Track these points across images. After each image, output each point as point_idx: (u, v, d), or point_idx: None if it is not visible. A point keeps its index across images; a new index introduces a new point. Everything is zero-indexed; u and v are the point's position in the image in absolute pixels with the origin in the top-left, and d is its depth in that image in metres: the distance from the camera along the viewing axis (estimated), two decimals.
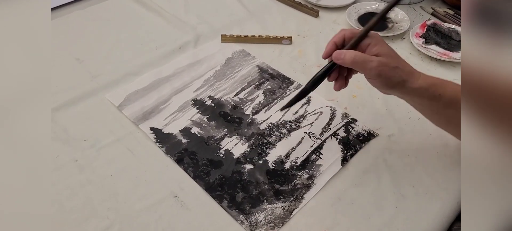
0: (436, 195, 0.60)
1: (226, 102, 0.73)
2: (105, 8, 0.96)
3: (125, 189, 0.59)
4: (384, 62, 0.53)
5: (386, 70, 0.53)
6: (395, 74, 0.53)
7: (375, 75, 0.53)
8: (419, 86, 0.54)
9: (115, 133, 0.67)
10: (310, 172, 0.62)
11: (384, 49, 0.54)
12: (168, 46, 0.85)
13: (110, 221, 0.55)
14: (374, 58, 0.53)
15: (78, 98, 0.72)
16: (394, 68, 0.53)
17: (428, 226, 0.57)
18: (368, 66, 0.53)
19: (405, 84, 0.54)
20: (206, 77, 0.79)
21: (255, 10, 0.98)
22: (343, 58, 0.53)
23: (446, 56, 0.84)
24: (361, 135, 0.68)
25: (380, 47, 0.53)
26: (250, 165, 0.63)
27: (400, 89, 0.55)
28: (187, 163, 0.63)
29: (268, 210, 0.57)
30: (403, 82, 0.54)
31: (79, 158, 0.63)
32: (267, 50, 0.86)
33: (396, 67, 0.53)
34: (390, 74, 0.53)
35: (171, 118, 0.70)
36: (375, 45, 0.54)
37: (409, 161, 0.64)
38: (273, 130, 0.69)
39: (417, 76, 0.55)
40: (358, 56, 0.53)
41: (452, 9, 0.99)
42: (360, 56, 0.53)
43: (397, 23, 0.93)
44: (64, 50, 0.83)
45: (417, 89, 0.54)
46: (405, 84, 0.54)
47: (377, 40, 0.54)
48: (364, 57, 0.53)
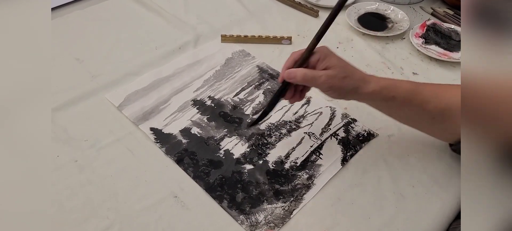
0: (436, 195, 0.60)
1: (226, 103, 0.73)
2: (105, 8, 0.96)
3: (125, 189, 0.59)
4: (332, 75, 0.55)
5: (335, 82, 0.55)
6: (345, 84, 0.56)
7: (326, 88, 0.56)
8: (371, 91, 0.57)
9: (115, 133, 0.67)
10: (310, 172, 0.62)
11: (332, 62, 0.56)
12: (168, 46, 0.85)
13: (110, 221, 0.55)
14: (323, 73, 0.55)
15: (78, 98, 0.72)
16: (343, 79, 0.55)
17: (428, 226, 0.57)
18: (318, 81, 0.55)
19: (357, 91, 0.57)
20: (206, 78, 0.79)
21: (255, 10, 0.98)
22: (295, 77, 0.56)
23: (445, 56, 0.84)
24: (361, 135, 0.68)
25: (328, 61, 0.56)
26: (250, 165, 0.63)
27: (354, 95, 0.58)
28: (187, 163, 0.63)
29: (268, 210, 0.57)
30: (355, 90, 0.57)
31: (79, 158, 0.63)
32: (267, 50, 0.86)
33: (345, 77, 0.56)
34: (340, 85, 0.56)
35: (171, 118, 0.70)
36: (323, 59, 0.56)
37: (409, 161, 0.64)
38: (273, 130, 0.69)
39: (368, 81, 0.57)
40: (307, 73, 0.56)
41: (452, 9, 0.99)
42: (309, 73, 0.56)
43: (397, 23, 0.93)
44: (64, 50, 0.83)
45: (370, 93, 0.57)
46: (357, 90, 0.57)
47: (325, 54, 0.57)
48: (313, 73, 0.56)
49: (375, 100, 0.59)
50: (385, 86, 0.57)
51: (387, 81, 0.58)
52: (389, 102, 0.58)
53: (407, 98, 0.57)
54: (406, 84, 0.59)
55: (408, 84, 0.59)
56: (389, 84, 0.58)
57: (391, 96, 0.57)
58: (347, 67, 0.57)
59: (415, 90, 0.58)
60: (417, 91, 0.57)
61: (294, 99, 0.61)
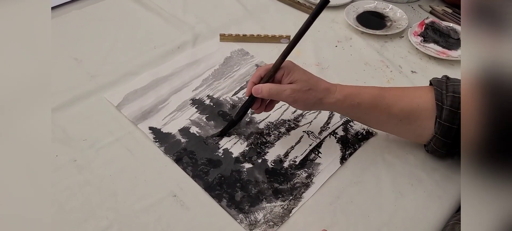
0: (435, 194, 0.60)
1: (225, 102, 0.73)
2: (103, 8, 0.96)
3: (124, 189, 0.59)
4: (296, 89, 0.58)
5: (299, 95, 0.58)
6: (309, 96, 0.58)
7: (291, 101, 0.59)
8: (336, 100, 0.59)
9: (114, 132, 0.67)
10: (309, 170, 0.62)
11: (296, 76, 0.58)
12: (167, 45, 0.85)
13: (109, 221, 0.55)
14: (287, 87, 0.58)
15: (76, 98, 0.72)
16: (307, 92, 0.58)
17: (426, 224, 0.57)
18: (283, 95, 0.58)
19: (322, 101, 0.59)
20: (204, 77, 0.78)
21: (254, 9, 0.98)
22: (261, 92, 0.59)
23: (444, 54, 0.84)
24: (359, 133, 0.68)
25: (292, 75, 0.58)
26: (249, 164, 0.63)
27: (319, 106, 0.60)
28: (186, 162, 0.63)
29: (267, 209, 0.57)
30: (320, 101, 0.59)
31: (78, 158, 0.63)
32: (265, 49, 0.86)
33: (309, 89, 0.58)
34: (304, 97, 0.58)
35: (170, 117, 0.70)
36: (288, 74, 0.59)
37: (408, 159, 0.65)
38: (272, 128, 0.69)
39: (332, 91, 0.60)
40: (273, 88, 0.59)
41: (450, 7, 0.99)
42: (274, 88, 0.59)
43: (396, 21, 0.93)
44: (62, 50, 0.83)
45: (335, 103, 0.59)
46: (322, 101, 0.59)
47: (290, 69, 0.59)
48: (278, 88, 0.58)
49: (340, 109, 0.61)
50: (349, 94, 0.60)
51: (351, 89, 0.60)
52: (355, 109, 0.60)
53: (373, 103, 0.59)
54: (371, 90, 0.61)
55: (373, 90, 0.61)
56: (353, 92, 0.60)
57: (355, 103, 0.59)
58: (311, 80, 0.59)
59: (379, 95, 0.60)
60: (381, 96, 0.60)
61: (260, 110, 0.64)
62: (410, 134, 0.62)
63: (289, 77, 0.59)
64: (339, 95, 0.59)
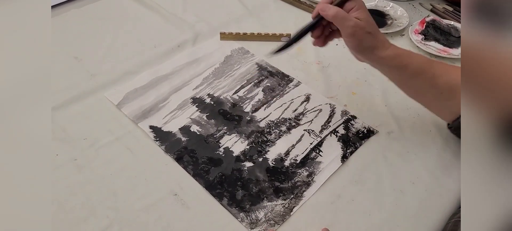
0: (436, 192, 0.60)
1: (225, 100, 0.73)
2: (102, 7, 0.95)
3: (125, 188, 0.59)
4: (360, 25, 0.58)
5: (359, 32, 0.58)
6: (366, 38, 0.59)
7: (349, 34, 0.59)
8: (386, 55, 0.60)
9: (114, 131, 0.67)
10: (310, 169, 0.62)
11: (363, 15, 0.59)
12: (167, 44, 0.85)
13: (110, 220, 0.55)
14: (353, 19, 0.58)
15: (77, 97, 0.72)
16: (367, 33, 0.59)
17: (427, 223, 0.57)
18: (345, 24, 0.58)
19: (373, 50, 0.60)
20: (205, 75, 0.78)
21: (254, 7, 0.98)
22: (327, 12, 0.59)
23: (445, 52, 0.84)
24: (360, 132, 0.68)
25: (360, 13, 0.59)
26: (250, 162, 0.63)
27: (369, 55, 0.61)
28: (187, 161, 0.63)
29: (268, 207, 0.57)
30: (372, 48, 0.60)
31: (78, 157, 0.63)
32: (266, 48, 0.85)
33: (369, 33, 0.59)
34: (362, 37, 0.59)
35: (170, 116, 0.70)
36: (357, 10, 0.59)
37: (409, 157, 0.64)
38: (272, 127, 0.69)
39: (387, 46, 0.60)
40: (339, 13, 0.59)
41: (451, 5, 0.99)
42: (341, 13, 0.59)
43: (396, 20, 0.93)
44: (62, 49, 0.83)
45: (384, 57, 0.60)
46: (374, 50, 0.60)
47: (360, 5, 0.60)
48: (344, 14, 0.59)
49: (387, 66, 0.62)
50: (399, 54, 0.60)
51: (402, 50, 0.61)
52: (401, 71, 0.61)
53: (420, 69, 0.60)
54: (420, 57, 0.62)
55: (422, 57, 0.62)
56: (404, 53, 0.61)
57: (404, 64, 0.60)
58: (374, 27, 0.60)
59: (428, 63, 0.61)
60: (429, 64, 0.61)
61: (318, 41, 0.64)
62: (444, 110, 0.63)
63: (357, 13, 0.59)
64: (390, 52, 0.60)
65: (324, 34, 0.64)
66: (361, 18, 0.59)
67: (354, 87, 0.76)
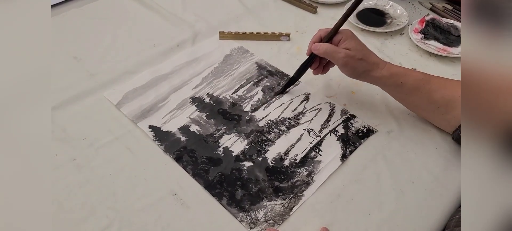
0: (435, 191, 0.60)
1: (225, 100, 0.73)
2: (102, 6, 0.95)
3: (124, 188, 0.59)
4: (350, 55, 0.63)
5: (351, 61, 0.63)
6: (359, 65, 0.63)
7: (342, 64, 0.64)
8: (381, 75, 0.64)
9: (113, 131, 0.67)
10: (310, 168, 0.62)
11: (352, 44, 0.64)
12: (166, 44, 0.85)
13: (109, 220, 0.55)
14: (342, 50, 0.63)
15: (76, 97, 0.72)
16: (358, 60, 0.63)
17: (427, 222, 0.57)
18: (336, 56, 0.64)
19: (369, 73, 0.64)
20: (204, 75, 0.78)
21: (253, 7, 0.97)
22: (319, 49, 0.65)
23: (445, 51, 0.84)
24: (360, 131, 0.68)
25: (349, 43, 0.64)
26: (249, 162, 0.63)
27: (366, 77, 0.65)
28: (186, 161, 0.63)
29: (267, 207, 0.57)
30: (367, 72, 0.64)
31: (78, 157, 0.63)
32: (265, 47, 0.85)
33: (360, 59, 0.63)
34: (354, 65, 0.63)
35: (169, 115, 0.70)
36: (345, 40, 0.64)
37: (408, 157, 0.64)
38: (272, 126, 0.69)
39: (381, 66, 0.64)
40: (329, 48, 0.64)
41: (451, 4, 0.99)
42: (330, 48, 0.64)
43: (396, 18, 0.93)
44: (61, 49, 0.83)
45: (380, 78, 0.64)
46: (369, 73, 0.64)
47: (347, 35, 0.65)
48: (333, 49, 0.64)
49: (384, 85, 0.65)
50: (394, 73, 0.64)
51: (398, 69, 0.65)
52: (397, 88, 0.64)
53: (416, 86, 0.63)
54: (416, 74, 0.65)
55: (418, 74, 0.65)
56: (399, 72, 0.64)
57: (400, 82, 0.63)
58: (364, 51, 0.64)
59: (423, 80, 0.63)
60: (425, 80, 0.63)
61: (317, 71, 0.70)
62: (445, 123, 0.65)
63: (346, 43, 0.63)
64: (385, 72, 0.63)
65: (322, 64, 0.70)
66: (350, 47, 0.63)
67: (353, 86, 0.76)
